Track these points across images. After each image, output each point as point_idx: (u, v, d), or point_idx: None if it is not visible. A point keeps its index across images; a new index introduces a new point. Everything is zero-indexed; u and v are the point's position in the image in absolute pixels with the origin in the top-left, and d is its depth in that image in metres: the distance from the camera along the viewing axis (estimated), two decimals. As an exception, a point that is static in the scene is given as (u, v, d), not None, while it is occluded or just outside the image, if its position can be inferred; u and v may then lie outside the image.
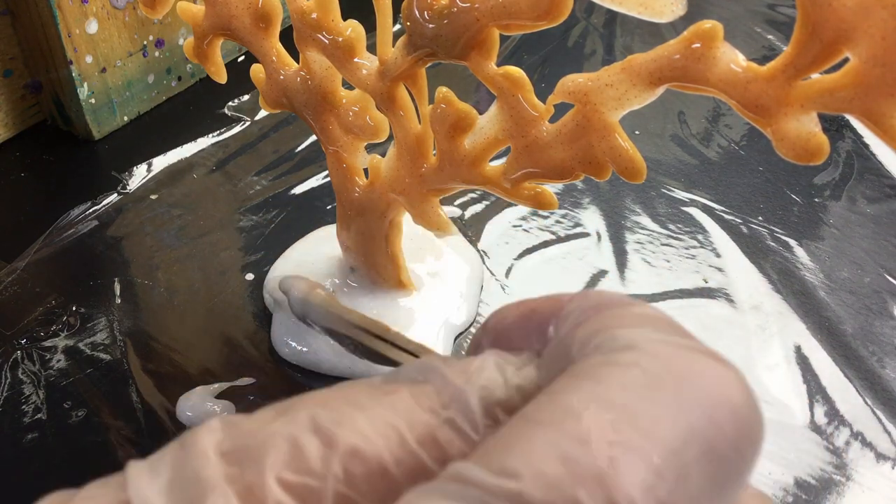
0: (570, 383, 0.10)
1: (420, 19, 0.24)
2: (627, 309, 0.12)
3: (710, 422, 0.10)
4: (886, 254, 0.38)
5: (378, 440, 0.10)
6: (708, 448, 0.10)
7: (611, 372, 0.10)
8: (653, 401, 0.10)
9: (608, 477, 0.09)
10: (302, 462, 0.10)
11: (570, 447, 0.09)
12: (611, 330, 0.11)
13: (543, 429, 0.10)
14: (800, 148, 0.19)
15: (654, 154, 0.45)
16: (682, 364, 0.10)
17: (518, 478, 0.09)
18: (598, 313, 0.12)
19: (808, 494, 0.28)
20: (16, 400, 0.30)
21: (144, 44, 0.47)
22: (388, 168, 0.29)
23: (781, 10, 0.61)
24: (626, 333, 0.11)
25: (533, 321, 0.13)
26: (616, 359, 0.10)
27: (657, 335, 0.11)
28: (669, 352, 0.10)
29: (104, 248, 0.38)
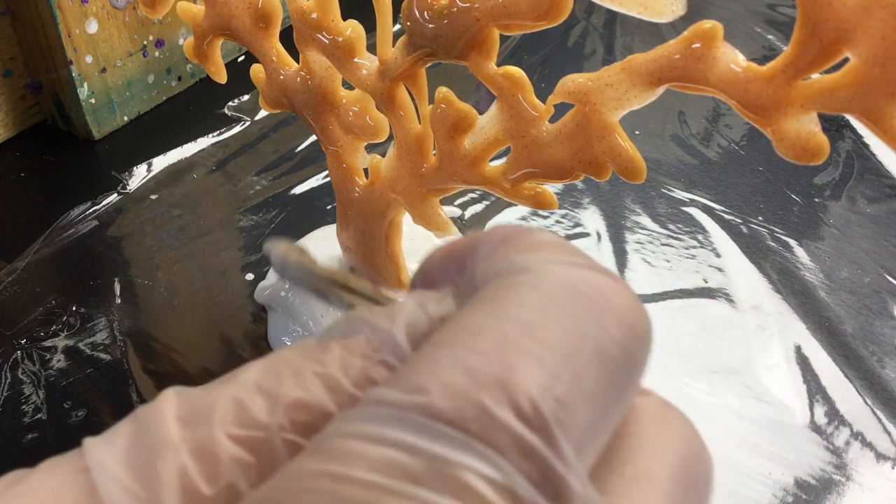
0: (472, 306, 0.11)
1: (420, 19, 0.24)
2: (526, 237, 0.12)
3: (600, 327, 0.11)
4: (886, 254, 0.38)
5: (318, 390, 0.11)
6: (599, 351, 0.11)
7: (507, 292, 0.11)
8: (546, 313, 0.11)
9: (508, 381, 0.10)
10: (248, 418, 0.11)
11: (472, 359, 0.10)
12: (508, 257, 0.12)
13: (448, 348, 0.10)
14: (800, 148, 0.19)
15: (654, 154, 0.45)
16: (571, 280, 0.11)
17: (426, 392, 0.10)
18: (503, 245, 0.12)
19: (808, 494, 0.28)
20: (16, 400, 0.30)
21: (144, 44, 0.47)
22: (388, 168, 0.29)
23: (781, 10, 0.61)
24: (521, 258, 0.12)
25: (453, 258, 0.14)
26: (512, 281, 0.11)
27: (549, 256, 0.12)
28: (560, 270, 0.11)
29: (104, 248, 0.38)
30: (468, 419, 0.09)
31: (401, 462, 0.09)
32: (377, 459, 0.09)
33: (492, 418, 0.09)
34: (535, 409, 0.10)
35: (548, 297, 0.11)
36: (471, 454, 0.09)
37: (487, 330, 0.10)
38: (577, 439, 0.10)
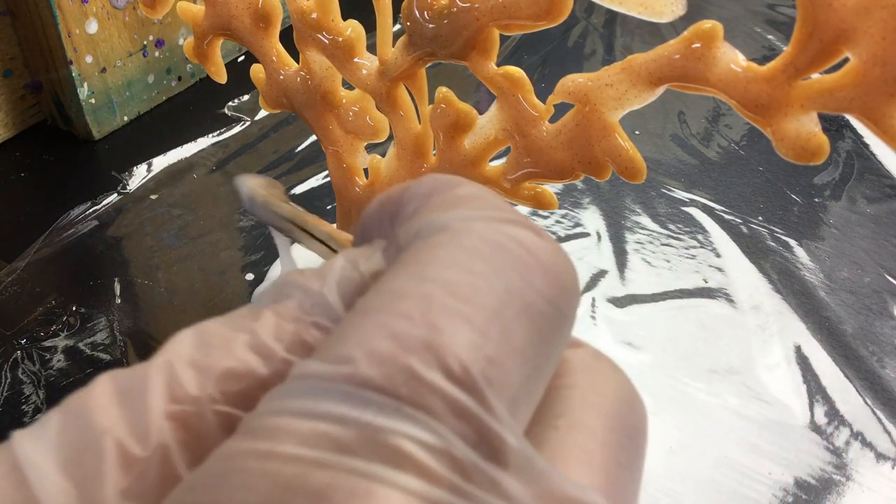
0: (394, 270, 0.11)
1: (420, 19, 0.24)
2: (445, 193, 0.12)
3: (525, 282, 0.10)
4: (886, 254, 0.38)
5: (249, 358, 0.11)
6: (525, 305, 0.10)
7: (429, 253, 0.11)
8: (469, 271, 0.10)
9: (436, 342, 0.09)
10: (180, 391, 0.11)
11: (398, 324, 0.10)
12: (428, 216, 0.12)
13: (372, 315, 0.10)
14: (800, 148, 0.19)
15: (654, 154, 0.45)
16: (492, 235, 0.11)
17: (352, 361, 0.09)
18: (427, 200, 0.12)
19: (808, 494, 0.28)
20: (16, 400, 0.30)
21: (144, 44, 0.47)
22: (388, 168, 0.29)
23: (781, 10, 0.61)
24: (441, 216, 0.11)
25: (386, 210, 0.13)
26: (433, 241, 0.11)
27: (469, 213, 0.11)
28: (480, 226, 0.11)
29: (104, 248, 0.38)
30: (397, 384, 0.09)
31: (331, 433, 0.09)
32: (306, 433, 0.09)
33: (421, 382, 0.09)
34: (464, 369, 0.09)
35: (469, 254, 0.11)
36: (403, 420, 0.09)
37: (411, 293, 0.10)
38: (509, 396, 0.10)
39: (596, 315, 0.34)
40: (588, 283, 0.36)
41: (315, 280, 0.12)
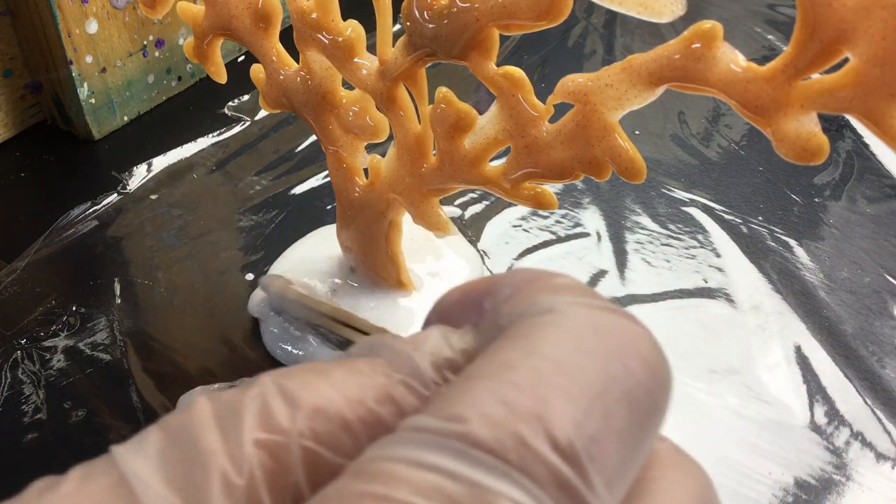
0: (502, 343, 0.11)
1: (420, 19, 0.24)
2: (548, 280, 0.13)
3: (626, 370, 0.11)
4: (886, 254, 0.38)
5: (338, 400, 0.11)
6: (625, 392, 0.11)
7: (536, 331, 0.11)
8: (575, 352, 0.11)
9: (544, 414, 0.10)
10: (270, 421, 0.11)
11: (509, 392, 0.10)
12: (533, 298, 0.12)
13: (484, 381, 0.11)
14: (800, 148, 0.19)
15: (654, 154, 0.45)
16: (597, 321, 0.12)
17: (465, 421, 0.10)
18: (525, 287, 0.13)
19: (808, 494, 0.28)
20: (16, 400, 0.30)
21: (144, 44, 0.47)
22: (388, 168, 0.29)
23: (781, 10, 0.61)
24: (547, 299, 0.12)
25: (471, 299, 0.14)
26: (540, 320, 0.12)
27: (574, 298, 0.12)
28: (585, 311, 0.12)
29: (104, 248, 0.38)
30: (507, 449, 0.10)
31: (443, 487, 0.09)
32: (420, 483, 0.10)
33: (529, 449, 0.10)
34: (570, 442, 0.10)
35: (575, 336, 0.11)
36: (509, 483, 0.10)
37: (520, 365, 0.11)
38: (607, 476, 0.10)
39: (596, 315, 0.34)
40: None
41: (407, 344, 0.13)
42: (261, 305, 0.33)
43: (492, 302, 0.13)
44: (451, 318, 0.14)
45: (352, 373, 0.12)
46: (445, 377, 0.12)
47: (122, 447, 0.11)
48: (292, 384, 0.12)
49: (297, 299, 0.26)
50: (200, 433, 0.11)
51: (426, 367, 0.12)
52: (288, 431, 0.11)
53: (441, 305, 0.15)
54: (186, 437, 0.11)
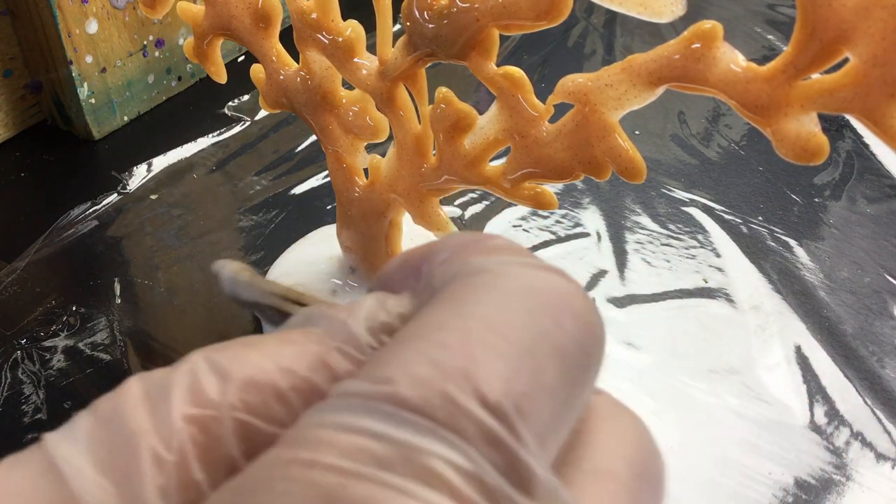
0: (433, 305, 0.11)
1: (420, 19, 0.24)
2: (482, 243, 0.13)
3: (556, 324, 0.11)
4: (886, 254, 0.38)
5: (271, 370, 0.11)
6: (556, 347, 0.11)
7: (467, 291, 0.11)
8: (505, 310, 0.11)
9: (472, 372, 0.10)
10: (200, 395, 0.11)
11: (437, 352, 0.10)
12: (466, 259, 0.12)
13: (413, 342, 0.11)
14: (800, 148, 0.19)
15: (654, 154, 0.45)
16: (528, 279, 0.12)
17: (393, 382, 0.10)
18: (460, 250, 0.13)
19: (808, 494, 0.28)
20: (16, 400, 0.30)
21: (144, 44, 0.47)
22: (388, 168, 0.29)
23: (781, 10, 0.61)
24: (479, 260, 0.12)
25: (409, 265, 0.14)
26: (472, 280, 0.12)
27: (506, 258, 0.12)
28: (516, 270, 0.12)
29: (104, 248, 0.38)
30: (434, 407, 0.10)
31: (370, 448, 0.09)
32: (347, 446, 0.09)
33: (457, 407, 0.10)
34: (498, 399, 0.10)
35: (506, 294, 0.11)
36: (438, 441, 0.10)
37: (450, 325, 0.11)
38: (538, 430, 0.10)
39: (596, 315, 0.34)
40: (588, 283, 0.36)
41: (342, 312, 0.13)
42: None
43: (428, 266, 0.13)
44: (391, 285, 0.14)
45: (284, 342, 0.12)
46: (382, 341, 0.12)
47: (53, 434, 0.11)
48: (223, 357, 0.11)
49: (250, 281, 0.26)
50: (129, 413, 0.11)
51: (361, 332, 0.12)
52: (218, 404, 0.11)
53: (382, 273, 0.15)
54: (116, 418, 0.11)
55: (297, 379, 0.11)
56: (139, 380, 0.12)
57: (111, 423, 0.11)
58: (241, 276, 0.26)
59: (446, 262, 0.13)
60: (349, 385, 0.10)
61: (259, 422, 0.11)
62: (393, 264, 0.15)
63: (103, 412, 0.11)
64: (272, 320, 0.25)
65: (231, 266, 0.27)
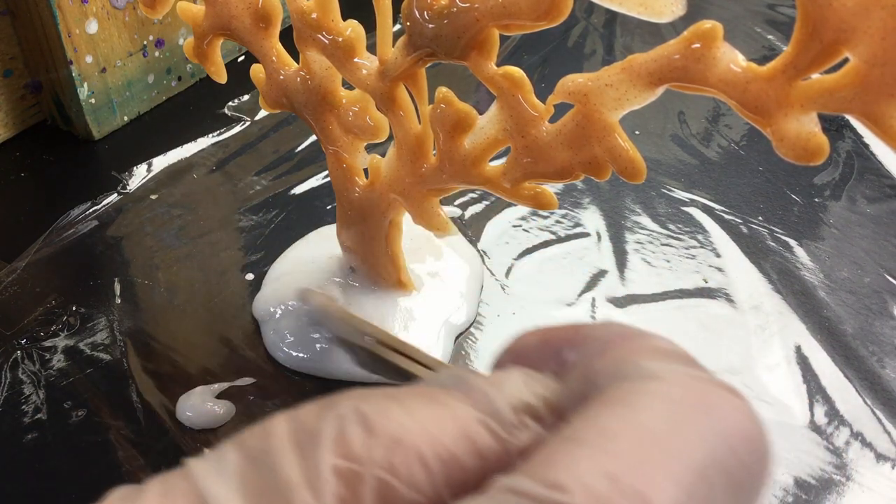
0: (605, 408, 0.11)
1: (420, 19, 0.24)
2: (648, 341, 0.13)
3: (731, 451, 0.11)
4: (886, 254, 0.38)
5: (416, 432, 0.11)
6: (727, 472, 0.11)
7: (640, 399, 0.11)
8: (680, 427, 0.11)
9: (648, 495, 0.10)
10: (347, 448, 0.11)
11: (612, 464, 0.10)
12: (635, 360, 0.12)
13: (586, 448, 0.10)
14: (800, 148, 0.19)
15: (654, 154, 0.45)
16: (700, 394, 0.11)
17: (566, 491, 0.10)
18: (620, 343, 0.13)
19: (808, 494, 0.28)
20: (16, 400, 0.30)
21: (144, 44, 0.47)
22: (388, 168, 0.29)
23: (781, 10, 0.61)
24: (650, 364, 0.12)
25: (551, 346, 0.14)
26: (643, 387, 0.11)
27: (678, 367, 0.12)
28: (689, 382, 0.11)
29: (104, 248, 0.38)
30: None
31: None
32: None
33: None
34: None
35: (680, 409, 0.11)
36: None
37: (623, 435, 0.11)
38: None
39: (596, 315, 0.34)
40: (588, 283, 0.36)
41: (485, 382, 0.12)
42: (264, 308, 0.33)
43: (579, 354, 0.13)
44: (526, 361, 0.14)
45: (429, 403, 0.12)
46: (525, 423, 0.12)
47: (200, 463, 0.11)
48: (370, 409, 0.11)
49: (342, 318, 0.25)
50: (279, 458, 0.11)
51: (506, 408, 0.12)
52: (363, 459, 0.11)
53: (516, 347, 0.15)
54: (265, 460, 0.11)
55: (441, 447, 0.11)
56: (287, 420, 0.11)
57: (260, 465, 0.11)
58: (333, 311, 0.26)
59: (606, 357, 0.12)
60: (517, 482, 0.10)
61: (400, 485, 0.11)
62: (529, 339, 0.14)
63: (251, 450, 0.11)
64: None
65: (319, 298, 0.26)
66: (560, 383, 0.13)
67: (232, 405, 0.30)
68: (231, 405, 0.30)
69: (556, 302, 0.35)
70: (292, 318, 0.32)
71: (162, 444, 0.29)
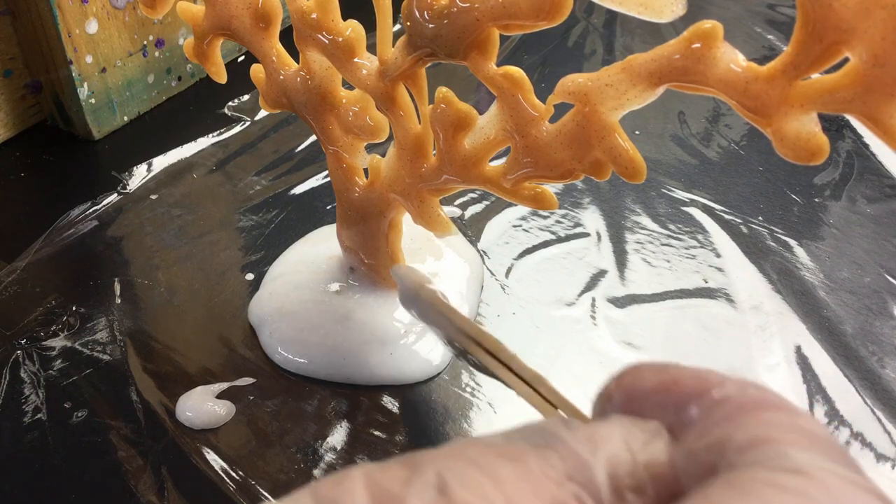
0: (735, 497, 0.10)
1: (420, 19, 0.24)
2: (793, 420, 0.11)
3: None
4: (886, 254, 0.38)
5: None
6: None
7: (777, 495, 0.10)
8: None
9: None
10: None
11: None
12: (778, 445, 0.10)
13: None
14: (800, 148, 0.19)
15: (654, 154, 0.45)
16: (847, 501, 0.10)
17: None
18: (756, 413, 0.11)
19: (808, 494, 0.28)
20: (16, 400, 0.30)
21: (144, 44, 0.47)
22: (388, 168, 0.29)
23: (781, 10, 0.61)
24: (797, 455, 0.10)
25: (673, 394, 0.12)
26: (784, 482, 0.10)
27: (828, 464, 0.10)
28: (839, 486, 0.10)
29: (104, 248, 0.38)
30: None
31: None
32: None
33: None
34: None
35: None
36: None
37: None
38: None
39: (596, 315, 0.34)
40: (588, 283, 0.36)
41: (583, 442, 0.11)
42: (259, 313, 0.33)
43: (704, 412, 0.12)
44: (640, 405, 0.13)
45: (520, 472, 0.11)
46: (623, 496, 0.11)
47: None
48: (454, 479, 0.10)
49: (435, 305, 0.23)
50: None
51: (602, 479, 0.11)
52: None
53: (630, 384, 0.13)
54: None
55: None
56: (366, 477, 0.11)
57: None
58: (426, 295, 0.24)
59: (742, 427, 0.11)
60: None
61: None
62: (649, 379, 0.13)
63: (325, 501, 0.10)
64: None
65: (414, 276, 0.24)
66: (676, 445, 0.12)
67: (232, 405, 0.30)
68: (231, 405, 0.30)
69: (557, 302, 0.35)
70: (289, 320, 0.32)
71: (162, 444, 0.29)
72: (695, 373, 0.12)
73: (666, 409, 0.12)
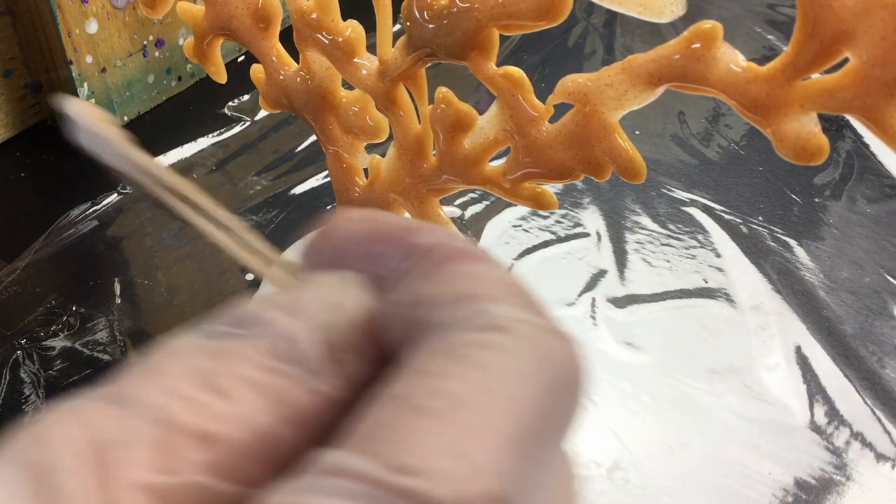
0: (449, 366, 0.10)
1: (420, 19, 0.24)
2: (488, 271, 0.11)
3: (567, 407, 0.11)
4: (886, 254, 0.38)
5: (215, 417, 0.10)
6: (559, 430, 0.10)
7: (485, 355, 0.10)
8: (523, 388, 0.10)
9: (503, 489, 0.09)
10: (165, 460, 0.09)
11: (462, 442, 0.09)
12: (478, 302, 0.11)
13: (433, 420, 0.09)
14: (800, 148, 0.19)
15: (654, 154, 0.45)
16: (543, 349, 0.11)
17: (418, 475, 0.09)
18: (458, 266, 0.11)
19: (808, 494, 0.28)
20: (16, 400, 0.30)
21: (144, 44, 0.47)
22: (388, 168, 0.29)
23: (781, 10, 0.61)
24: (495, 310, 0.11)
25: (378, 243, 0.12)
26: (488, 340, 0.10)
27: (522, 314, 0.11)
28: (532, 334, 0.11)
29: (104, 248, 0.38)
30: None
31: None
32: None
33: None
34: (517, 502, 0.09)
35: (524, 366, 0.10)
36: None
37: (472, 405, 0.09)
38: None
39: (596, 315, 0.34)
40: (588, 283, 0.36)
41: (291, 319, 0.11)
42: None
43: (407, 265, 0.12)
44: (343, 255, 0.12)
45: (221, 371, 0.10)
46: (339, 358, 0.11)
47: None
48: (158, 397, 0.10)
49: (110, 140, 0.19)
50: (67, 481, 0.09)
51: (310, 348, 0.10)
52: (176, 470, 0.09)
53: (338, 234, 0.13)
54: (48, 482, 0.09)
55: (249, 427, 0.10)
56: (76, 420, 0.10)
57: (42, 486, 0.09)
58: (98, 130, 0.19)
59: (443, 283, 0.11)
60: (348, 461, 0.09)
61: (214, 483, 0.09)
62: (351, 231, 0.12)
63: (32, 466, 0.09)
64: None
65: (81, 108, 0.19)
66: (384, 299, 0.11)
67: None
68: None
69: (556, 302, 0.35)
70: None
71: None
72: (394, 223, 0.12)
73: (372, 261, 0.12)
